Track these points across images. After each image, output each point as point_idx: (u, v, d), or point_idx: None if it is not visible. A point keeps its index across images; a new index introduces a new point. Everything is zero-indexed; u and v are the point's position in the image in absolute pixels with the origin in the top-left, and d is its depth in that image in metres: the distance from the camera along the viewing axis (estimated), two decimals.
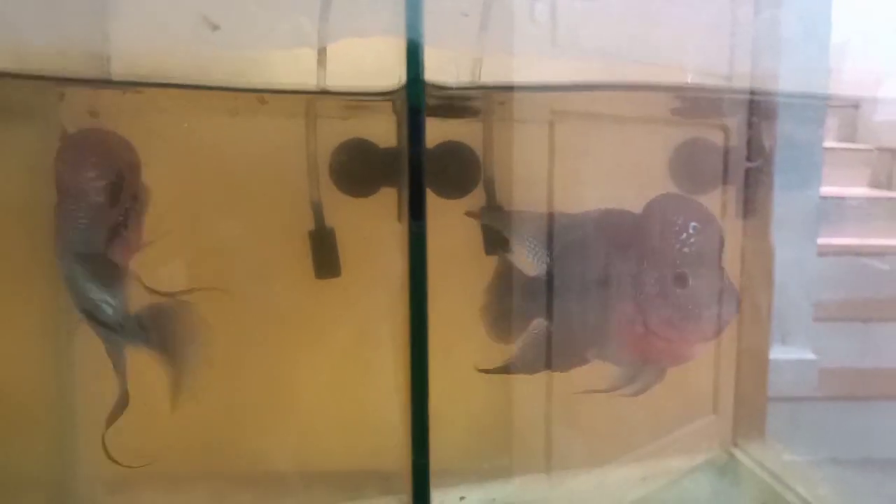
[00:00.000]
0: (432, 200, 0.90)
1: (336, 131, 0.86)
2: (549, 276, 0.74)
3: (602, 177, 0.94)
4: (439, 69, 0.83)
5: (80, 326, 0.74)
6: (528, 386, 0.95)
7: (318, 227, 0.85)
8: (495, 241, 0.88)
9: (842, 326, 1.63)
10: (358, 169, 0.85)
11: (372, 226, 0.85)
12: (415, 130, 0.53)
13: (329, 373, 0.89)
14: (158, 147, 0.74)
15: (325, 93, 0.71)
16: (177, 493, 0.88)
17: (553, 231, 0.77)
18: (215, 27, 0.65)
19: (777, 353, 1.24)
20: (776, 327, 1.21)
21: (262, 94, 0.65)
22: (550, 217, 0.80)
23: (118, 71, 0.75)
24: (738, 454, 1.13)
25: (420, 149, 0.53)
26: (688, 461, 1.10)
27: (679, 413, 1.09)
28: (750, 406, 1.15)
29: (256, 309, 0.82)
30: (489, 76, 0.86)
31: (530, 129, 0.91)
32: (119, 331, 0.72)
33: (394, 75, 0.64)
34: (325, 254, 0.85)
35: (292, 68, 0.79)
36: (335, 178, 0.86)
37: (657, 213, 0.70)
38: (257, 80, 0.73)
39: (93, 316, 0.72)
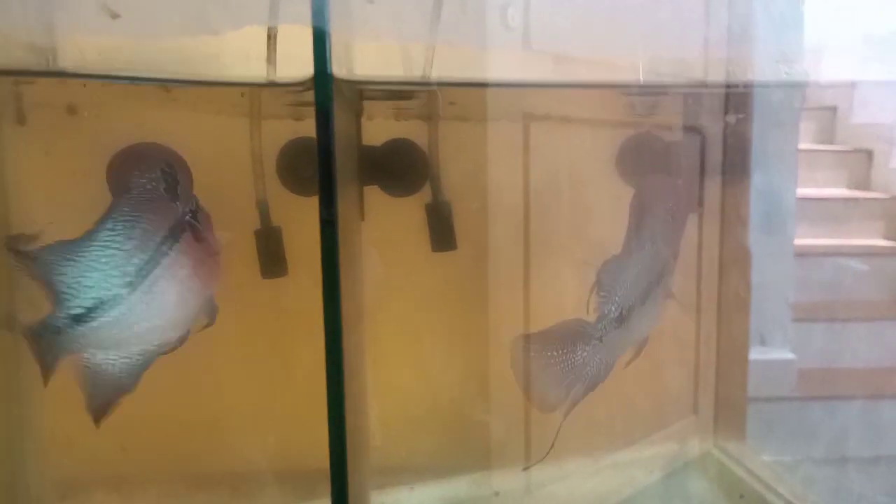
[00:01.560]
0: (381, 198, 0.91)
1: (284, 130, 0.86)
2: None
3: (555, 174, 0.95)
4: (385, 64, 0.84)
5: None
6: (506, 388, 0.94)
7: (264, 226, 0.85)
8: (442, 238, 0.88)
9: (820, 327, 1.63)
10: (305, 167, 0.85)
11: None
12: (322, 121, 0.53)
13: (277, 372, 0.88)
14: (108, 142, 0.73)
15: (233, 84, 0.70)
16: (128, 494, 0.87)
17: None
18: (115, 15, 0.65)
19: (756, 353, 1.24)
20: (755, 328, 1.21)
21: (167, 85, 0.65)
22: None
23: (65, 64, 0.75)
24: (719, 454, 1.12)
25: (329, 134, 0.53)
26: (669, 461, 1.09)
27: (660, 414, 1.09)
28: (730, 406, 1.14)
29: None
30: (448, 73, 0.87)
31: (480, 127, 0.91)
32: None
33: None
34: (271, 253, 0.85)
35: (239, 61, 0.78)
36: (282, 176, 0.86)
37: None
38: (200, 73, 0.73)
39: None
